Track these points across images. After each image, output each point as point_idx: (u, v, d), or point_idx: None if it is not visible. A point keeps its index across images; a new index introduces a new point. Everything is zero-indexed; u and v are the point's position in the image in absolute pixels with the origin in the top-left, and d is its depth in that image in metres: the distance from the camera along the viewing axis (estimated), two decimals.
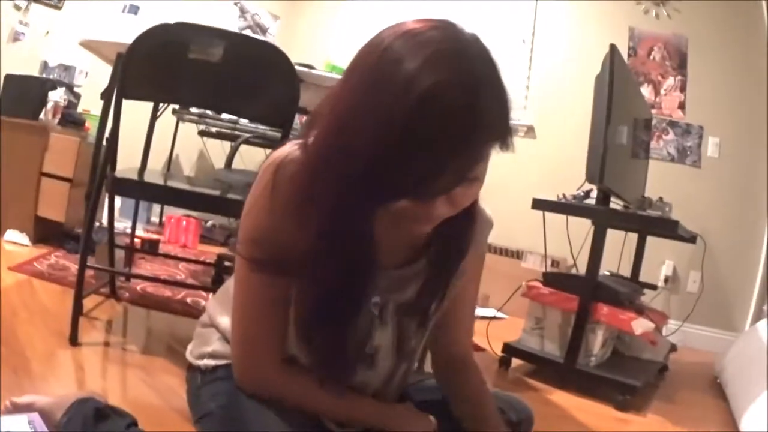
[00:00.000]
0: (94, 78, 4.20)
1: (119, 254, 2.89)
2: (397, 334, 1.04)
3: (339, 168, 0.81)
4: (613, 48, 2.61)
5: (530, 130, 4.77)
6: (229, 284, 1.09)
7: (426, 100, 0.74)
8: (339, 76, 0.89)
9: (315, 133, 0.88)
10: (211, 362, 1.09)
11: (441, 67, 0.75)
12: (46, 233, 3.50)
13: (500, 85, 0.81)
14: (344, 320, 0.96)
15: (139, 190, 2.30)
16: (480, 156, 0.81)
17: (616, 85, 2.56)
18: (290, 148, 0.94)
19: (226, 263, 3.08)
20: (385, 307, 1.02)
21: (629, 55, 4.50)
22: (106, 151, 2.09)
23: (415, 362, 1.13)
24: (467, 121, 0.76)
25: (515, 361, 2.78)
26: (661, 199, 2.82)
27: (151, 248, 3.63)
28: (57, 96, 3.62)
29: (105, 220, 2.90)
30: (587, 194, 2.81)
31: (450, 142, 0.76)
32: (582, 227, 2.87)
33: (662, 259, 4.28)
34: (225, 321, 1.08)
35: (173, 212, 4.64)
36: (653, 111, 4.29)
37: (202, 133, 4.94)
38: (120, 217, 3.95)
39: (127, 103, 2.04)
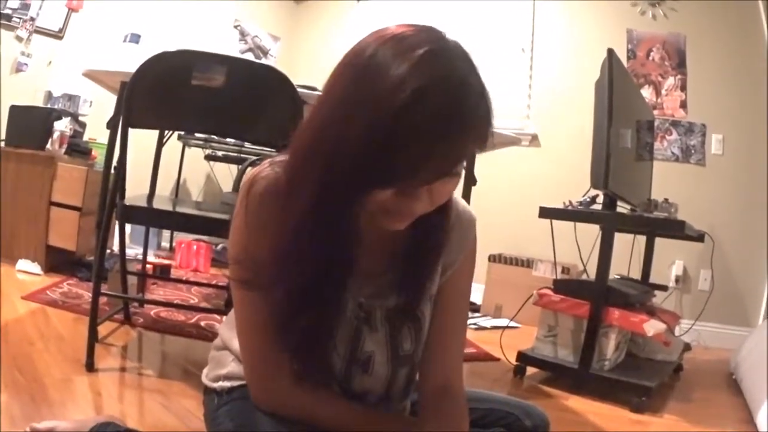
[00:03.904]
0: (98, 106, 4.24)
1: (132, 280, 2.92)
2: (390, 340, 1.04)
3: (326, 160, 0.83)
4: (610, 52, 2.63)
5: (534, 139, 4.78)
6: None
7: (414, 99, 0.77)
8: None
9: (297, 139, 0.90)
10: (227, 384, 1.10)
11: (427, 69, 0.79)
12: (57, 262, 3.54)
13: (482, 86, 0.84)
14: (324, 323, 0.97)
15: (149, 217, 2.33)
16: (463, 154, 0.84)
17: (616, 88, 2.58)
18: (263, 167, 0.97)
19: None
20: (373, 314, 1.03)
21: (628, 58, 4.51)
22: (114, 179, 2.11)
23: (417, 367, 1.11)
24: (452, 119, 0.79)
25: (530, 370, 2.78)
26: (666, 200, 2.82)
27: (163, 273, 3.65)
28: (63, 126, 3.67)
29: (116, 248, 2.92)
30: (593, 200, 2.82)
31: (435, 139, 0.79)
32: (590, 232, 2.87)
33: (672, 259, 4.28)
34: (237, 342, 1.09)
35: (184, 237, 4.65)
36: (655, 112, 4.29)
37: (208, 158, 4.98)
38: (131, 243, 3.98)
39: (133, 130, 2.06)
